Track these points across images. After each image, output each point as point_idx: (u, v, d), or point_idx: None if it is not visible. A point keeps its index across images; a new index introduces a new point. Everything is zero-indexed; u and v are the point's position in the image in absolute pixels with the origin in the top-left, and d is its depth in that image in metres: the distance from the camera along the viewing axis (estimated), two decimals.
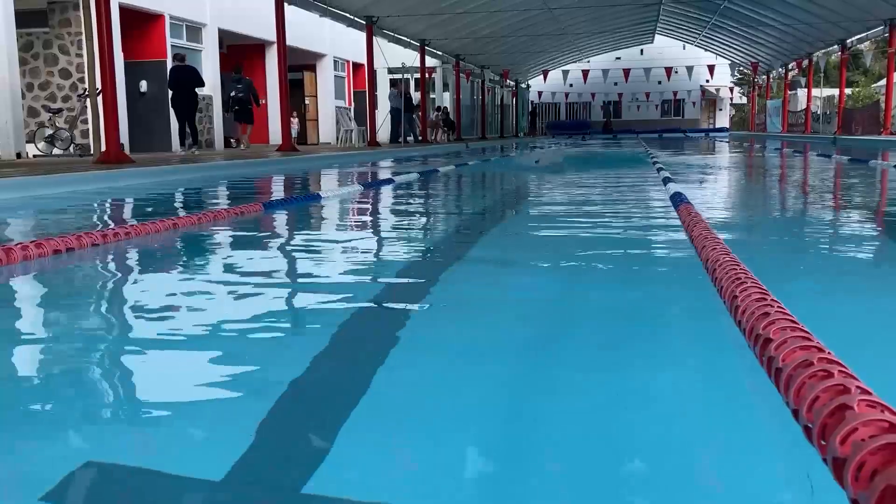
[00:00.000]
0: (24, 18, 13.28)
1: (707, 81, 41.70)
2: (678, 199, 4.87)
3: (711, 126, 45.73)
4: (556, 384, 1.82)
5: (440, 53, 27.20)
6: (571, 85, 39.63)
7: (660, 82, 40.45)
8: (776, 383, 1.34)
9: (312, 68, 24.16)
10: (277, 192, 8.29)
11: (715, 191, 7.80)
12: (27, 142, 13.27)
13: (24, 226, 5.61)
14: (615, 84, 40.22)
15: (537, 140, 32.15)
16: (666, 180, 7.08)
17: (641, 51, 40.66)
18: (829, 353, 1.29)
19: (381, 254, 4.08)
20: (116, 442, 1.53)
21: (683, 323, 2.43)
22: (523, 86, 43.34)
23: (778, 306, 1.77)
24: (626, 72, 36.55)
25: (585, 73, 35.09)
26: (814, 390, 1.13)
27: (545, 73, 37.40)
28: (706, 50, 38.30)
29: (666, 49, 39.53)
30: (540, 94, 44.85)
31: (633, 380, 1.83)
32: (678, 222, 4.19)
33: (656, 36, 36.06)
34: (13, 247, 3.19)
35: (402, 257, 3.81)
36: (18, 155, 12.46)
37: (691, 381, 1.86)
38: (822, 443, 1.02)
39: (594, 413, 1.62)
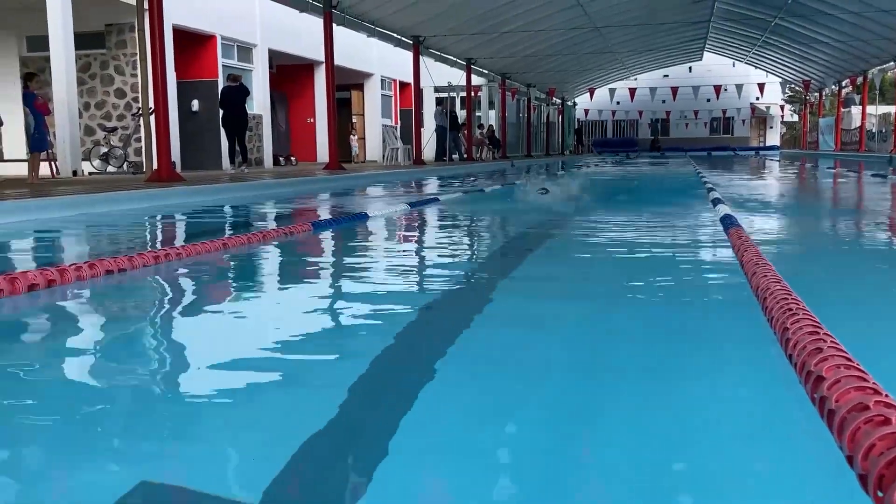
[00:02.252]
0: (83, 40, 13.71)
1: (757, 99, 41.08)
2: (728, 222, 4.78)
3: (762, 144, 44.98)
4: (600, 409, 1.79)
5: (486, 72, 27.31)
6: (618, 103, 39.39)
7: (708, 100, 39.93)
8: (829, 425, 1.29)
9: (360, 87, 24.45)
10: (326, 211, 8.38)
11: (765, 213, 7.65)
12: (83, 159, 13.66)
13: (78, 244, 5.75)
14: (663, 102, 39.82)
15: (583, 158, 31.97)
16: (716, 202, 6.97)
17: (690, 68, 40.25)
18: (886, 395, 1.24)
19: (426, 273, 4.08)
20: (161, 461, 1.55)
21: (731, 353, 2.37)
22: (569, 103, 43.23)
23: (831, 341, 1.71)
24: (675, 90, 36.20)
25: (632, 91, 34.87)
26: (870, 437, 1.09)
27: (591, 91, 37.26)
28: (756, 67, 37.76)
29: (715, 67, 39.05)
30: (586, 111, 44.64)
31: (677, 412, 1.79)
32: (728, 246, 4.12)
33: (705, 53, 35.68)
34: (67, 267, 3.27)
35: (445, 277, 3.81)
36: (74, 172, 12.82)
37: (736, 417, 1.81)
38: (879, 494, 0.98)
39: (636, 442, 1.59)
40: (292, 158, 19.60)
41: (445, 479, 1.46)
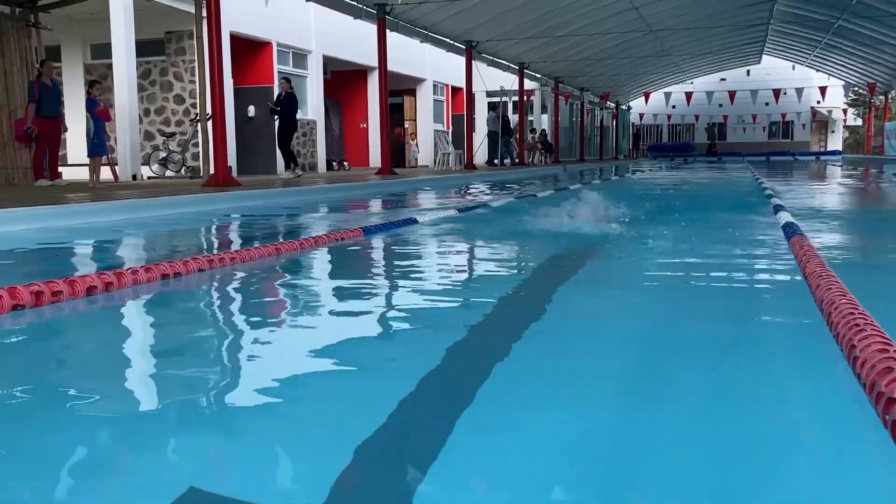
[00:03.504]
0: (144, 47, 14.06)
1: (818, 103, 40.03)
2: (790, 230, 4.63)
3: (822, 149, 43.81)
4: (656, 424, 1.73)
5: (539, 76, 27.18)
6: (674, 107, 38.82)
7: (767, 104, 39.08)
8: None
9: (412, 92, 24.57)
10: (377, 216, 8.40)
11: (829, 220, 7.41)
12: (143, 164, 13.99)
13: (136, 248, 5.87)
14: (720, 106, 39.10)
15: (639, 162, 31.57)
16: (777, 208, 6.78)
17: (748, 72, 39.46)
18: None
19: (475, 278, 4.04)
20: (217, 461, 1.55)
21: (792, 369, 2.28)
22: (624, 107, 42.76)
23: None
24: (732, 94, 35.52)
25: (689, 95, 34.32)
26: None
27: (646, 95, 36.79)
28: (818, 70, 36.79)
29: (774, 70, 38.21)
30: (641, 115, 44.12)
31: (738, 433, 1.72)
32: (790, 256, 3.98)
33: (764, 56, 34.92)
34: (124, 271, 3.33)
35: (494, 283, 3.76)
36: (134, 177, 13.14)
37: (800, 438, 1.73)
38: None
39: (693, 456, 1.52)
40: (345, 163, 19.78)
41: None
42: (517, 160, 24.43)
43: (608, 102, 37.43)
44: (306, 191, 10.81)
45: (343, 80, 21.39)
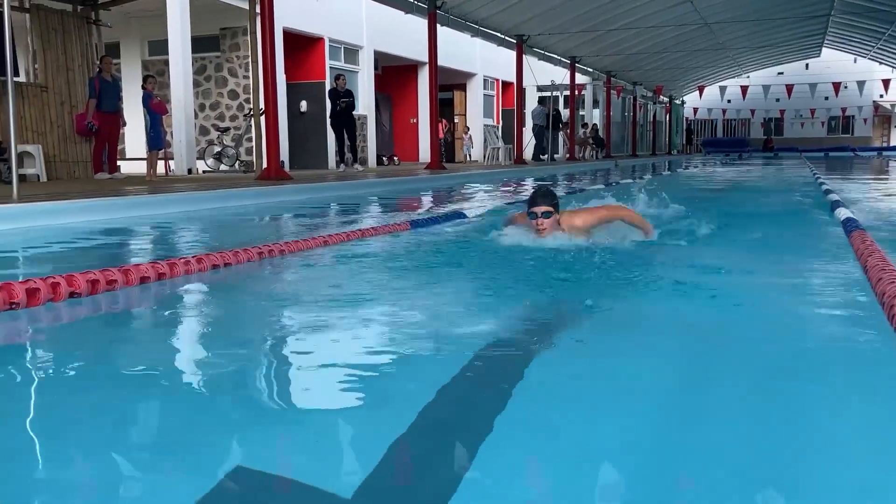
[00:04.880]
0: (199, 43, 14.30)
1: (881, 96, 38.80)
2: (851, 225, 4.49)
3: (885, 144, 42.45)
4: (710, 424, 1.69)
5: (590, 70, 26.90)
6: (729, 101, 38.05)
7: (826, 98, 38.04)
8: None
9: (462, 87, 24.54)
10: (425, 210, 8.42)
11: (892, 216, 7.17)
12: (198, 158, 14.24)
13: (188, 239, 5.98)
14: (777, 100, 38.18)
15: (692, 158, 31.02)
16: (835, 204, 6.59)
17: (807, 65, 38.42)
18: None
19: (524, 274, 4.01)
20: (262, 445, 1.57)
21: (851, 364, 2.20)
22: (677, 102, 42.07)
23: None
24: (790, 87, 34.63)
25: (744, 88, 33.60)
26: None
27: (700, 89, 36.13)
28: (881, 63, 35.63)
29: (834, 63, 37.14)
30: (695, 110, 43.33)
31: (799, 432, 1.67)
32: (849, 250, 3.86)
33: (824, 49, 33.96)
34: (177, 261, 3.39)
35: (544, 278, 3.72)
36: (190, 171, 13.38)
37: (865, 440, 1.67)
38: None
39: (745, 455, 1.48)
40: (395, 158, 19.86)
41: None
42: (568, 155, 24.22)
43: (661, 97, 36.85)
44: (356, 185, 10.89)
45: (393, 76, 21.46)
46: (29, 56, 11.47)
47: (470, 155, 23.72)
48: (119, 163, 12.42)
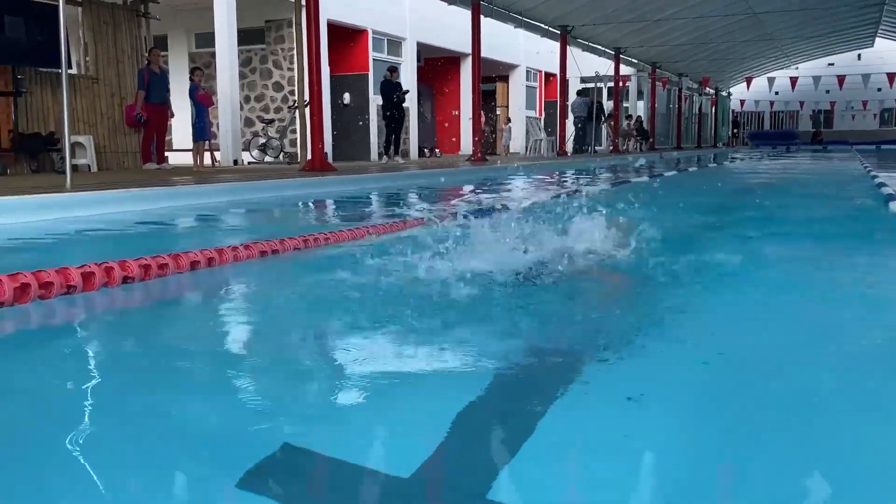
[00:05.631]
0: (245, 36, 14.47)
1: None
2: None
3: None
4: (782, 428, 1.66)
5: (635, 61, 26.58)
6: (777, 93, 37.25)
7: (880, 89, 37.00)
8: None
9: (505, 79, 24.44)
10: (467, 201, 8.41)
11: None
12: (243, 150, 14.44)
13: (236, 227, 6.07)
14: (827, 92, 37.27)
15: (738, 150, 30.49)
16: (889, 198, 6.43)
17: (859, 55, 37.44)
18: None
19: (573, 268, 3.98)
20: (316, 430, 1.59)
21: None
22: (724, 93, 41.36)
23: None
24: (841, 79, 33.78)
25: (793, 80, 32.91)
26: None
27: (748, 81, 35.46)
28: None
29: (888, 53, 36.11)
30: (742, 102, 42.55)
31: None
32: None
33: (877, 39, 33.06)
34: (225, 248, 3.44)
35: (594, 271, 3.69)
36: (235, 161, 13.57)
37: None
38: None
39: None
40: (436, 150, 19.88)
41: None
42: (611, 147, 24.00)
43: (707, 88, 36.26)
44: (399, 176, 10.93)
45: (435, 67, 21.46)
46: (81, 49, 11.72)
47: (509, 147, 23.64)
48: (166, 153, 12.64)
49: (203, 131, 11.94)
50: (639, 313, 2.69)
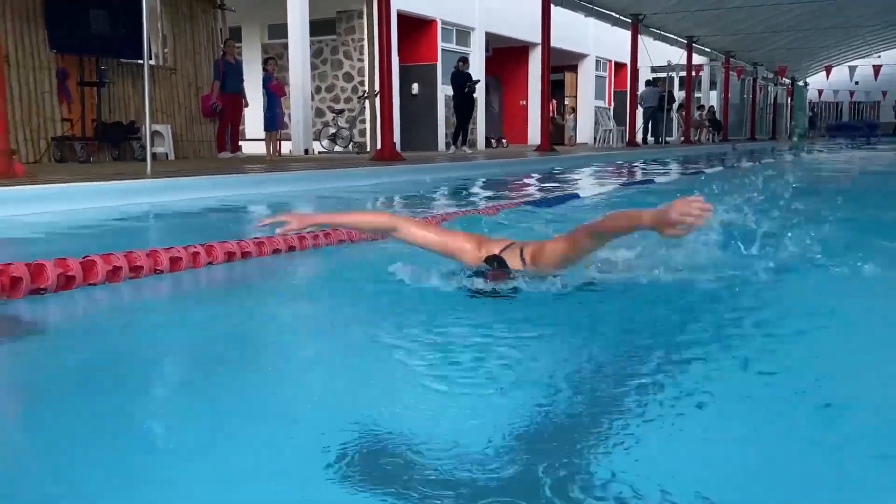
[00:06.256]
0: (316, 27, 14.66)
1: None
2: None
3: None
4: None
5: (708, 50, 25.96)
6: (857, 83, 35.84)
7: None
8: None
9: (573, 69, 24.17)
10: (536, 190, 8.38)
11: None
12: (313, 140, 14.65)
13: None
14: None
15: (815, 142, 29.51)
16: None
17: None
18: None
19: (652, 256, 3.92)
20: (389, 415, 1.61)
21: None
22: (800, 83, 40.04)
23: None
24: None
25: (876, 69, 31.62)
26: None
27: (828, 70, 34.22)
28: None
29: None
30: (820, 92, 41.12)
31: None
32: None
33: None
34: (306, 235, 3.51)
35: (675, 260, 3.61)
36: (306, 151, 13.79)
37: None
38: None
39: None
40: (503, 141, 19.81)
41: None
42: (682, 138, 23.52)
43: (783, 78, 35.16)
44: (468, 166, 10.94)
45: (503, 57, 21.35)
46: (159, 40, 12.08)
47: (574, 137, 23.38)
48: (240, 143, 12.92)
49: (272, 121, 12.16)
50: None
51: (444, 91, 16.52)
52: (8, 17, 9.05)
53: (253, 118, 15.91)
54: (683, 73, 23.86)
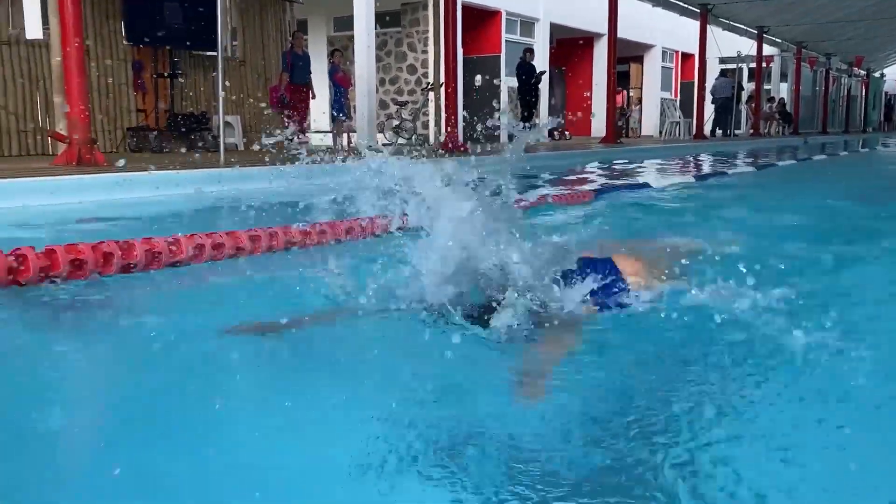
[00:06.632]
0: (381, 19, 14.71)
1: None
2: None
3: None
4: None
5: (779, 41, 25.23)
6: None
7: None
8: None
9: (639, 60, 23.79)
10: (606, 181, 8.28)
11: None
12: (378, 131, 14.75)
13: (375, 204, 6.20)
14: None
15: (891, 136, 28.46)
16: None
17: None
18: None
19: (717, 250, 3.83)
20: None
21: None
22: (876, 75, 38.62)
23: None
24: None
25: None
26: None
27: None
28: None
29: None
30: None
31: None
32: None
33: None
34: (375, 217, 3.53)
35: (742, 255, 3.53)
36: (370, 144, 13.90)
37: None
38: None
39: None
40: (566, 133, 19.61)
41: None
42: (751, 131, 22.95)
43: (858, 69, 33.94)
44: (532, 157, 10.87)
45: (567, 48, 21.15)
46: (228, 32, 12.32)
47: (639, 129, 23.02)
48: (307, 134, 13.10)
49: (342, 112, 12.28)
50: None
51: (507, 83, 16.45)
52: (88, 12, 9.34)
53: (317, 110, 16.09)
54: (753, 65, 23.24)
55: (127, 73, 9.92)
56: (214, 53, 8.78)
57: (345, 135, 12.95)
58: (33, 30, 11.20)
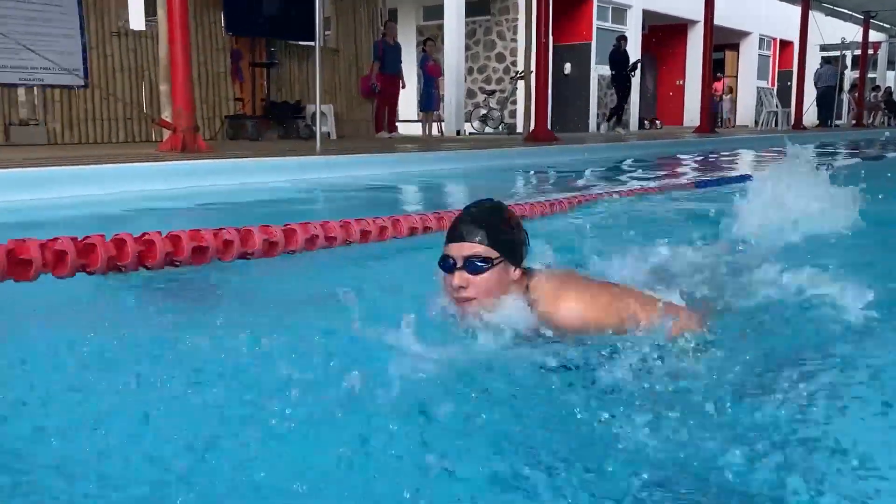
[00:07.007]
0: (470, 8, 14.70)
1: None
2: None
3: None
4: None
5: (887, 26, 23.97)
6: None
7: None
8: None
9: (735, 47, 23.02)
10: (705, 171, 8.07)
11: None
12: (465, 121, 14.76)
13: (462, 193, 6.22)
14: None
15: None
16: None
17: None
18: None
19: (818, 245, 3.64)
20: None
21: None
22: None
23: None
24: None
25: None
26: None
27: None
28: None
29: None
30: None
31: None
32: None
33: None
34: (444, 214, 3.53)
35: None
36: (458, 132, 13.92)
37: None
38: None
39: None
40: (657, 122, 19.18)
41: None
42: (854, 121, 21.94)
43: None
44: (623, 146, 10.69)
45: (659, 36, 20.61)
46: (322, 22, 12.52)
47: (734, 119, 22.29)
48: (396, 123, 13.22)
49: (431, 102, 12.33)
50: None
51: (598, 71, 16.19)
52: (190, 3, 9.64)
53: (406, 99, 16.22)
54: (857, 52, 22.17)
55: (226, 63, 10.20)
56: (310, 43, 8.94)
57: (435, 124, 13.01)
58: (137, 21, 11.67)
